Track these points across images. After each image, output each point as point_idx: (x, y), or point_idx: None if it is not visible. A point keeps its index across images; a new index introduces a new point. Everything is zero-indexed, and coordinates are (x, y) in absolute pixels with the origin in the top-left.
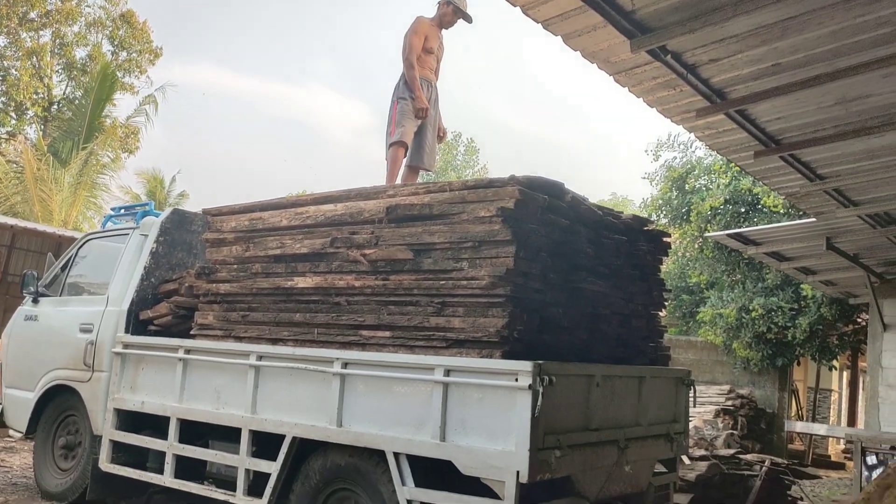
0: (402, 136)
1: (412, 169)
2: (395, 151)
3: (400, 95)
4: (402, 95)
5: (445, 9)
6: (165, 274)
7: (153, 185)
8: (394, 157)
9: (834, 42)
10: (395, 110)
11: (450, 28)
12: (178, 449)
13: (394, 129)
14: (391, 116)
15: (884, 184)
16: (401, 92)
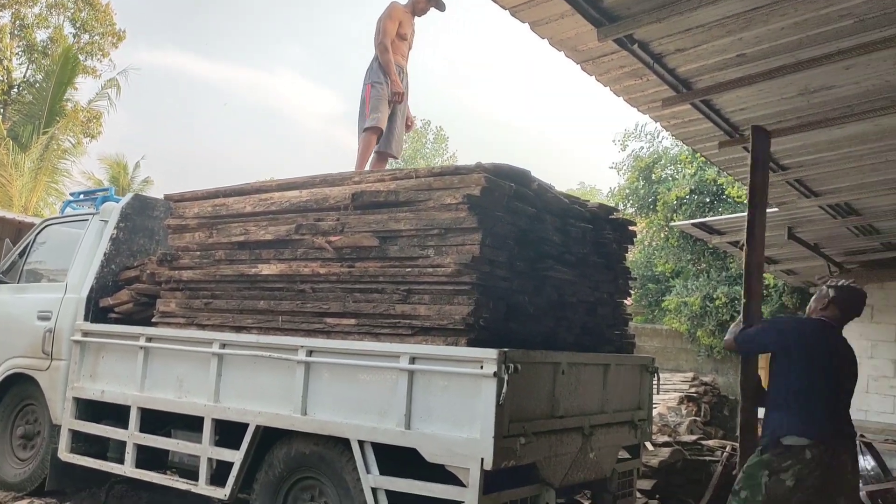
0: (378, 122)
1: (381, 156)
2: (369, 137)
3: (374, 80)
4: (375, 80)
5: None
6: (126, 261)
7: (116, 170)
8: (367, 143)
9: (797, 33)
10: (368, 94)
11: (422, 15)
12: (140, 438)
13: (368, 114)
14: (364, 101)
15: (844, 174)
16: (374, 76)
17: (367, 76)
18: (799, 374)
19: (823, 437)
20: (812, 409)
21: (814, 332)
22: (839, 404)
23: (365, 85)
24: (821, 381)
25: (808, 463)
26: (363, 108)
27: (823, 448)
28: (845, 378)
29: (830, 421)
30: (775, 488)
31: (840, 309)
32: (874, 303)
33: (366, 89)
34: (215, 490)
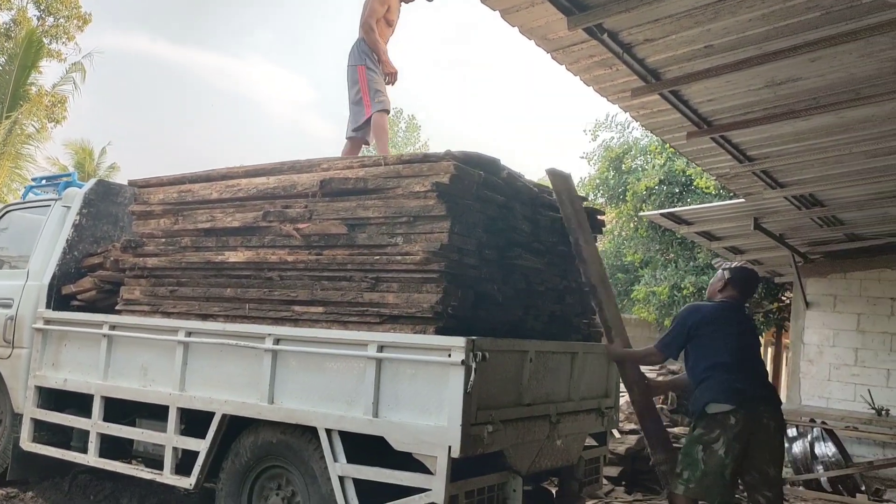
0: (386, 105)
1: (354, 141)
2: (382, 119)
3: (366, 64)
4: (367, 64)
5: None
6: (89, 247)
7: (82, 156)
8: (383, 125)
9: (764, 25)
10: (363, 77)
11: (409, 3)
12: (103, 427)
13: (367, 99)
14: (360, 84)
15: (809, 166)
16: (360, 59)
17: (355, 58)
18: (713, 352)
19: (743, 401)
20: (729, 378)
21: (716, 311)
22: (754, 372)
23: (355, 67)
24: (733, 354)
25: (733, 428)
26: (357, 93)
27: (745, 412)
28: (754, 349)
29: (748, 387)
30: (710, 460)
31: (737, 289)
32: (837, 293)
33: (358, 72)
34: (181, 479)
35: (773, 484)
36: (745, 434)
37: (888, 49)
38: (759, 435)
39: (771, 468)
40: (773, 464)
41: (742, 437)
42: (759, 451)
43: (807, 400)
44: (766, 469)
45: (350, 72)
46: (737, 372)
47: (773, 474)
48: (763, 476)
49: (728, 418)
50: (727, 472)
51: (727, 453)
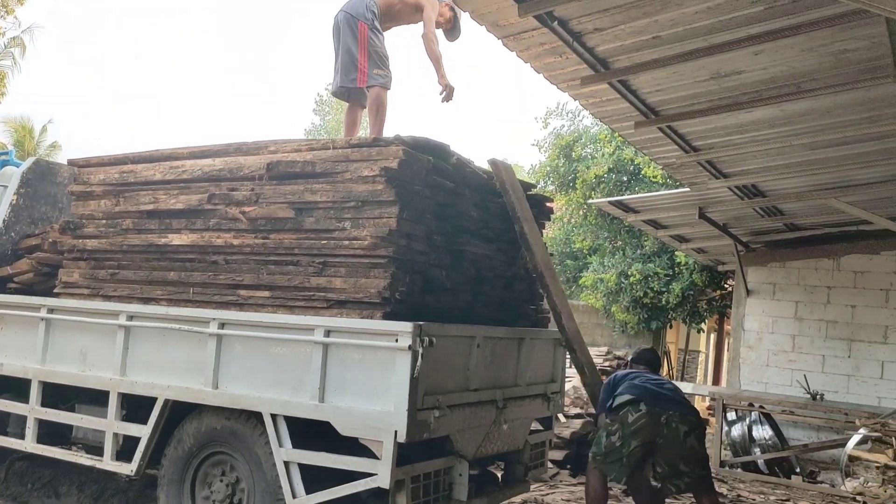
0: (387, 82)
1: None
2: (384, 95)
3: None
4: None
5: (446, 11)
6: (27, 228)
7: (21, 134)
8: (383, 102)
9: (710, 18)
10: (363, 36)
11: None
12: (41, 413)
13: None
14: (359, 43)
15: (752, 157)
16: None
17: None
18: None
19: (646, 399)
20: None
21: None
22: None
23: (356, 19)
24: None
25: (630, 426)
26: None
27: (646, 411)
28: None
29: (655, 395)
30: (609, 445)
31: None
32: (776, 281)
33: (360, 28)
34: (121, 466)
35: (684, 475)
36: (644, 432)
37: (828, 44)
38: (666, 435)
39: (681, 463)
40: (685, 460)
41: (641, 434)
42: (667, 448)
43: (746, 385)
44: (675, 463)
45: (349, 23)
46: (647, 384)
47: (683, 468)
48: (672, 468)
49: (628, 415)
50: (623, 458)
51: (623, 445)
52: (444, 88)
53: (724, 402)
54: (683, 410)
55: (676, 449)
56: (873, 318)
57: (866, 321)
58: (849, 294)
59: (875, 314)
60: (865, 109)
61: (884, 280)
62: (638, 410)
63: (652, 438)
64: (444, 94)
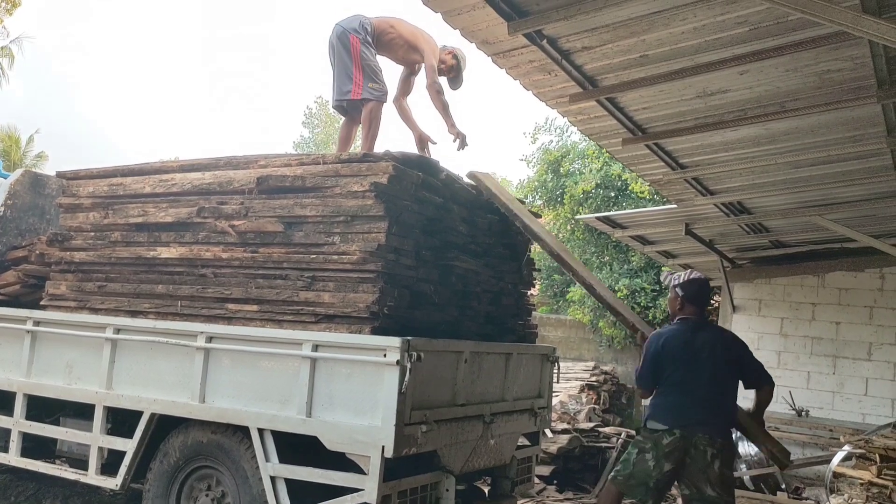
0: (381, 95)
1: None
2: (378, 109)
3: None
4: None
5: (449, 59)
6: (14, 240)
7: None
8: (377, 116)
9: (696, 38)
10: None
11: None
12: (25, 426)
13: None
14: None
15: (737, 175)
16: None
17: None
18: (670, 373)
19: (679, 425)
20: (674, 400)
21: (674, 336)
22: (701, 397)
23: (347, 32)
24: (686, 375)
25: (664, 447)
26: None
27: (679, 435)
28: (718, 366)
29: (689, 412)
30: (639, 464)
31: (694, 304)
32: (762, 297)
33: (352, 41)
34: (106, 480)
35: (711, 500)
36: (676, 454)
37: (812, 65)
38: (695, 457)
39: (707, 488)
40: (711, 485)
41: (672, 456)
42: (694, 471)
43: None
44: (702, 487)
45: (342, 37)
46: (682, 395)
47: (709, 493)
48: (698, 492)
49: (662, 437)
50: (651, 481)
51: (655, 466)
52: (455, 137)
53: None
54: (713, 432)
55: (703, 471)
56: (857, 334)
57: (851, 338)
58: (833, 311)
59: (859, 331)
60: (849, 129)
61: (867, 297)
62: (672, 435)
63: (683, 459)
64: (458, 142)
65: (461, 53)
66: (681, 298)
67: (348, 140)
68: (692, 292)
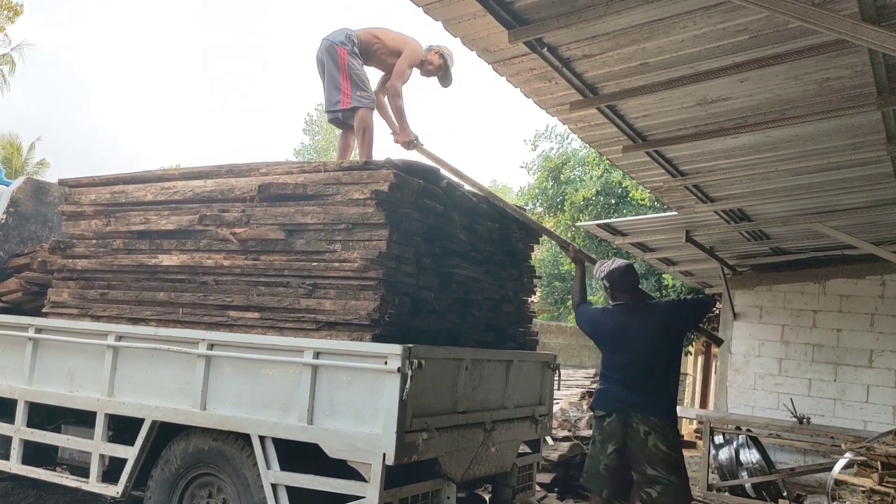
0: (370, 103)
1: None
2: (369, 116)
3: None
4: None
5: (435, 59)
6: (16, 247)
7: (9, 151)
8: (369, 124)
9: (696, 46)
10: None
11: (423, 76)
12: (27, 434)
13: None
14: (340, 67)
15: (738, 182)
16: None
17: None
18: (604, 356)
19: (615, 409)
20: (612, 385)
21: (609, 317)
22: (634, 380)
23: (335, 46)
24: (618, 358)
25: (606, 430)
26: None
27: (616, 418)
28: (652, 346)
29: (625, 394)
30: (591, 453)
31: (622, 289)
32: (763, 304)
33: (339, 53)
34: (107, 487)
35: (654, 481)
36: (616, 437)
37: (812, 72)
38: (633, 438)
39: (647, 466)
40: (649, 463)
41: (614, 438)
42: (636, 452)
43: (733, 408)
44: (643, 467)
45: (330, 49)
46: (618, 380)
47: (649, 472)
48: (642, 474)
49: (603, 421)
50: (601, 466)
51: (600, 450)
52: (406, 141)
53: (712, 426)
54: (647, 411)
55: (641, 451)
56: (858, 341)
57: (852, 345)
58: (834, 318)
59: (860, 338)
60: (849, 136)
61: (868, 304)
62: (610, 417)
63: (624, 443)
64: (406, 146)
65: (447, 51)
66: (609, 289)
67: (347, 149)
68: (615, 279)
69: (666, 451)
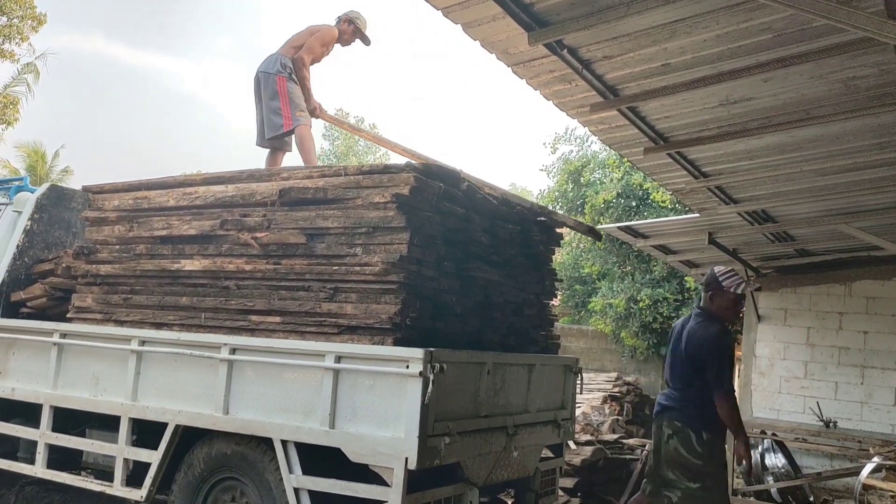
0: (307, 120)
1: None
2: (308, 131)
3: (288, 76)
4: (289, 76)
5: (346, 27)
6: (41, 253)
7: (34, 159)
8: (308, 136)
9: (719, 45)
10: (283, 89)
11: (346, 46)
12: (52, 438)
13: (288, 111)
14: (279, 96)
15: (761, 183)
16: (282, 70)
17: (275, 68)
18: None
19: (655, 412)
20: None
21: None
22: (672, 383)
23: (274, 76)
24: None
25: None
26: (276, 103)
27: (654, 421)
28: (675, 360)
29: (662, 398)
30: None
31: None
32: (787, 307)
33: (279, 82)
34: (131, 491)
35: (672, 485)
36: (654, 439)
37: (837, 71)
38: (657, 437)
39: (664, 468)
40: (667, 464)
41: (653, 441)
42: (658, 453)
43: (758, 412)
44: (661, 469)
45: (267, 80)
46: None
47: (666, 474)
48: (660, 476)
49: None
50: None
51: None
52: (310, 112)
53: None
54: (670, 415)
55: (659, 451)
56: (886, 344)
57: (879, 347)
58: (861, 320)
59: (888, 340)
60: (875, 136)
61: None
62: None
63: (658, 445)
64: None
65: (353, 14)
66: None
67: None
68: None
69: (687, 456)
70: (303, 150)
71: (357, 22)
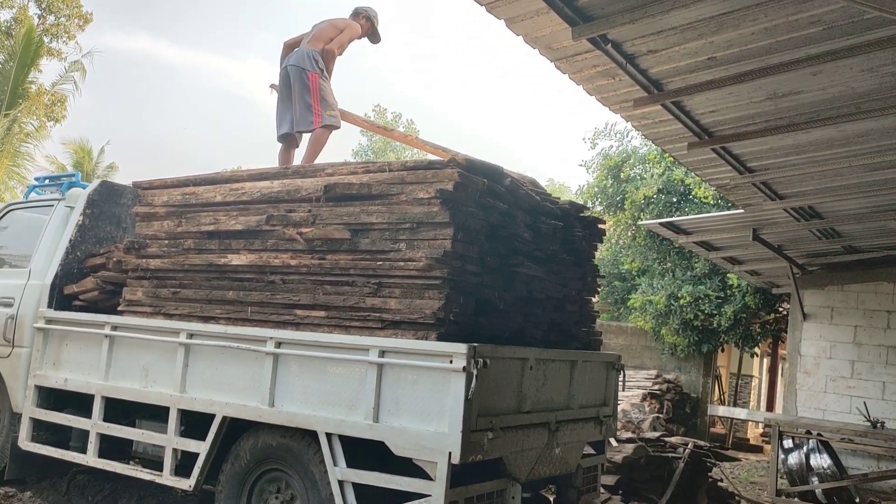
0: (336, 122)
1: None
2: (326, 135)
3: (321, 74)
4: (322, 74)
5: (364, 23)
6: (92, 248)
7: (80, 155)
8: (323, 141)
9: (767, 39)
10: (315, 85)
11: (358, 40)
12: (103, 428)
13: (318, 107)
14: (311, 91)
15: (809, 178)
16: (315, 67)
17: (309, 65)
18: None
19: None
20: None
21: None
22: None
23: (307, 72)
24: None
25: None
26: (308, 98)
27: None
28: None
29: None
30: None
31: None
32: (834, 304)
33: (311, 78)
34: (180, 481)
35: None
36: None
37: (889, 64)
38: None
39: None
40: None
41: None
42: None
43: (803, 412)
44: None
45: (299, 75)
46: None
47: None
48: None
49: None
50: None
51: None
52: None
53: (781, 429)
54: None
55: None
56: None
57: None
58: None
59: None
60: None
61: None
62: None
63: None
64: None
65: (371, 12)
66: None
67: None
68: None
69: None
70: (312, 148)
71: (374, 20)
